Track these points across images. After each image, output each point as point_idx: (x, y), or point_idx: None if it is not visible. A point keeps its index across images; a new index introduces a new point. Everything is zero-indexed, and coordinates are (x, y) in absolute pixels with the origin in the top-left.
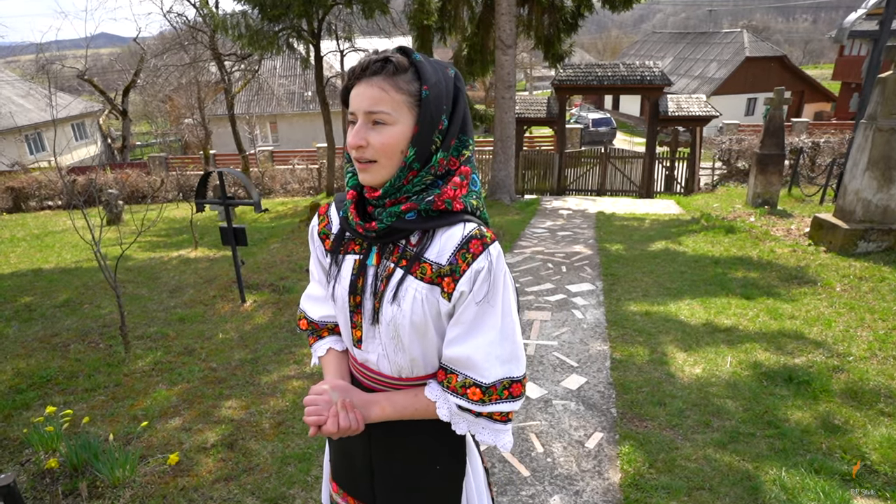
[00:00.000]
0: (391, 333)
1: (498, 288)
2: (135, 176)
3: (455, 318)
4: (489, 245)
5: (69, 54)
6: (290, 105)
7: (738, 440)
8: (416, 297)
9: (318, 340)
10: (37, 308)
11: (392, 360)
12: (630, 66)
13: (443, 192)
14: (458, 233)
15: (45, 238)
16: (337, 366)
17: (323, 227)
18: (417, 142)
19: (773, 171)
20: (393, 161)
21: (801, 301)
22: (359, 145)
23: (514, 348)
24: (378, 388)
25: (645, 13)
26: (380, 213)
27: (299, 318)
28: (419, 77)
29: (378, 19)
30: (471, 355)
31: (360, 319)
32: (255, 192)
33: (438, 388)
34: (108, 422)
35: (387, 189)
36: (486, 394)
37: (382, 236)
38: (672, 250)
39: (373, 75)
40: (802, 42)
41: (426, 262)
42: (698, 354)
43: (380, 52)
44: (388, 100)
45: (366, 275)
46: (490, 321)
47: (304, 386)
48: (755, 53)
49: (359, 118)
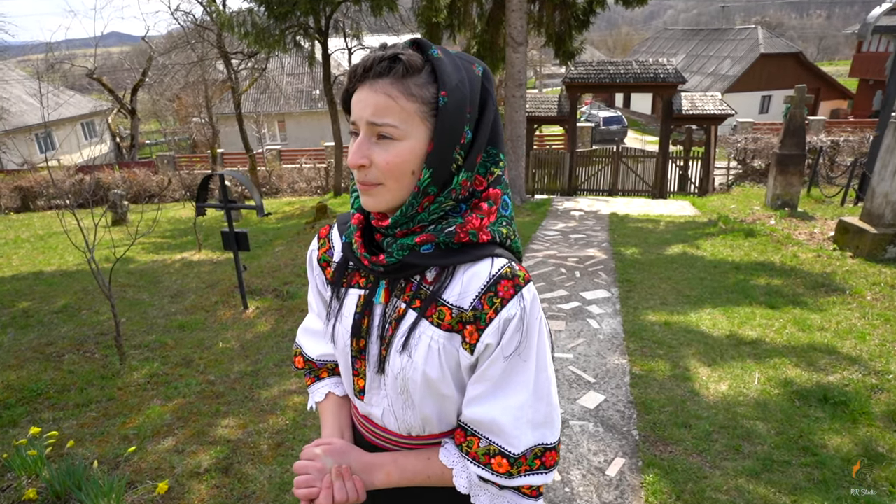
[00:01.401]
0: (399, 388)
1: (532, 339)
2: (142, 175)
3: (479, 374)
4: (522, 287)
5: (79, 53)
6: (298, 103)
7: (771, 469)
8: (432, 346)
9: (316, 382)
10: (34, 314)
11: (400, 417)
12: (643, 64)
13: (466, 222)
14: (484, 271)
15: (48, 239)
16: (336, 416)
17: (323, 253)
18: (433, 161)
19: (793, 172)
20: (402, 184)
21: (829, 311)
22: (360, 164)
23: (548, 411)
24: (384, 446)
25: (656, 10)
26: (389, 244)
27: (295, 355)
28: (436, 79)
29: (386, 16)
30: (497, 419)
31: (363, 367)
32: (258, 196)
33: (456, 453)
34: (97, 442)
35: (397, 217)
36: (515, 465)
37: (392, 271)
38: (690, 254)
39: (378, 77)
40: (817, 38)
41: (444, 305)
42: (723, 370)
43: (388, 46)
44: (396, 109)
45: (372, 314)
46: (521, 379)
47: (304, 402)
48: (770, 50)
49: (361, 129)
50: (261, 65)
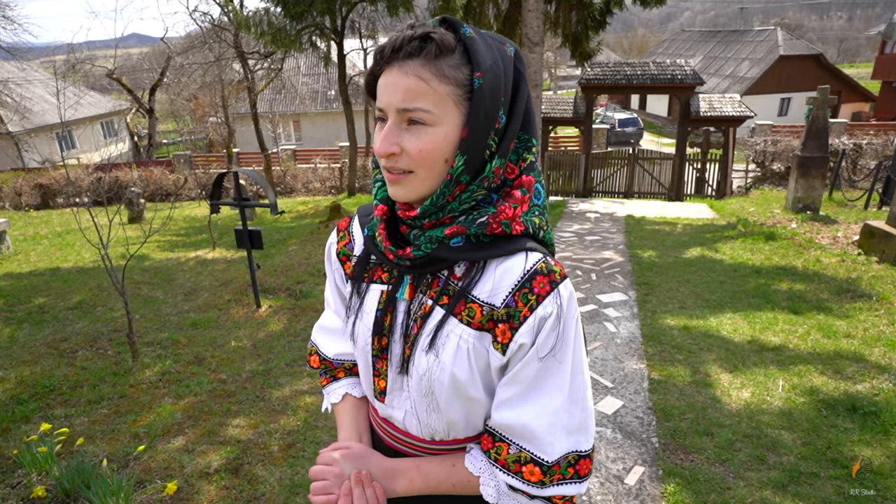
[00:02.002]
0: (424, 389)
1: (568, 339)
2: (158, 174)
3: (511, 376)
4: (559, 284)
5: (100, 54)
6: (314, 104)
7: (798, 481)
8: (461, 346)
9: (332, 382)
10: (49, 310)
11: (423, 421)
12: (660, 65)
13: (499, 212)
14: (518, 266)
15: (66, 236)
16: (353, 418)
17: (343, 247)
18: (468, 147)
19: (815, 175)
20: (434, 172)
21: (856, 317)
22: (390, 152)
23: (584, 416)
24: (405, 451)
25: (672, 11)
26: (416, 236)
27: (310, 353)
28: (469, 59)
29: (402, 17)
30: (529, 424)
31: (384, 367)
32: (272, 194)
33: (484, 460)
34: (108, 440)
35: (426, 207)
36: (548, 473)
37: (419, 266)
38: (708, 258)
39: (408, 58)
40: (837, 40)
41: (475, 302)
42: (745, 376)
43: (416, 24)
44: (429, 92)
45: (395, 311)
46: (556, 381)
47: (316, 402)
48: (789, 52)
49: (389, 116)
50: (277, 65)
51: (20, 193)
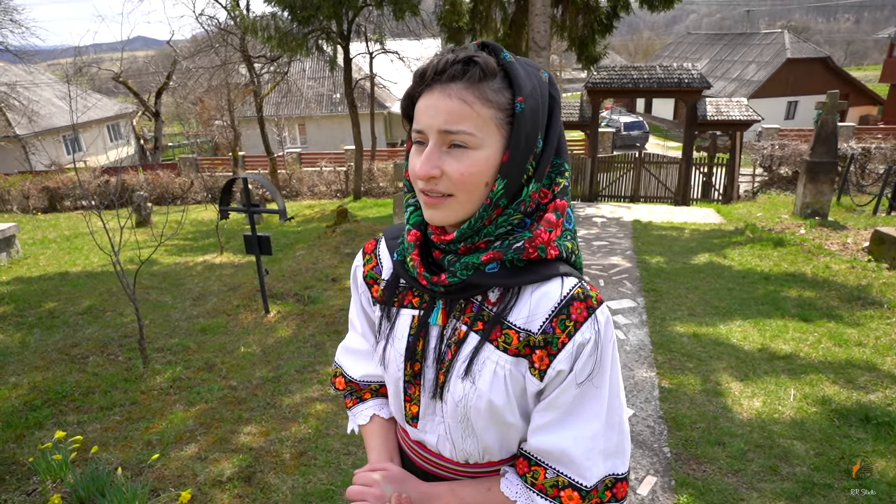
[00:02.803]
0: (460, 415)
1: (605, 364)
2: (165, 177)
3: (548, 401)
4: (595, 309)
5: (106, 57)
6: (319, 107)
7: (812, 492)
8: (497, 372)
9: (359, 404)
10: (60, 315)
11: (459, 446)
12: (667, 68)
13: (535, 236)
14: (554, 292)
15: (74, 240)
16: (384, 440)
17: (370, 270)
18: (508, 171)
19: (824, 180)
20: (473, 196)
21: (867, 325)
22: (430, 175)
23: (620, 439)
24: (438, 473)
25: (678, 14)
26: (452, 261)
27: (334, 375)
28: (510, 84)
29: (408, 21)
30: (568, 449)
31: (417, 392)
32: (281, 200)
33: (519, 484)
34: (121, 447)
35: (463, 231)
36: (586, 498)
37: (454, 292)
38: (717, 264)
39: (451, 81)
40: (844, 43)
41: (511, 328)
42: (756, 385)
43: (455, 48)
44: (473, 116)
45: (427, 336)
46: (594, 406)
47: (326, 410)
48: (797, 55)
49: (429, 138)
50: (283, 68)
51: (28, 196)
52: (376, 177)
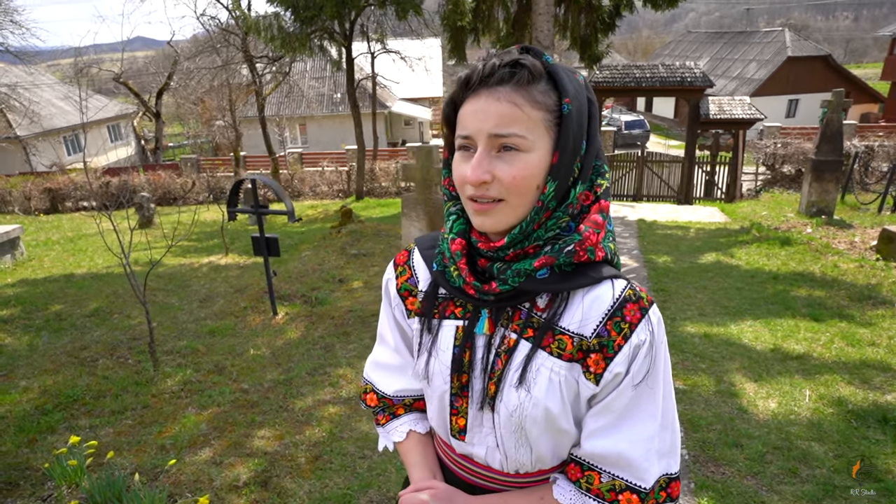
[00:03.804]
0: (514, 426)
1: (659, 365)
2: (166, 177)
3: (603, 405)
4: (648, 310)
5: (106, 58)
6: (320, 107)
7: (833, 495)
8: (553, 379)
9: (393, 420)
10: (67, 317)
11: (511, 457)
12: (669, 67)
13: (584, 239)
14: (606, 295)
15: (78, 241)
16: (423, 457)
17: (404, 282)
18: (557, 173)
19: (829, 179)
20: (524, 200)
21: (879, 325)
22: (482, 180)
23: (673, 438)
24: (486, 486)
25: (677, 12)
26: (502, 269)
27: (365, 392)
28: (556, 86)
29: (410, 20)
30: (624, 452)
31: (464, 404)
32: (289, 201)
33: (572, 490)
34: (135, 451)
35: (514, 237)
36: (645, 500)
37: (505, 299)
38: (724, 263)
39: (498, 84)
40: (843, 41)
41: (564, 334)
42: (771, 386)
43: (498, 53)
44: (523, 118)
45: (473, 347)
46: (649, 408)
47: (340, 413)
48: (797, 53)
49: (478, 143)
50: (284, 68)
51: (29, 198)
52: (378, 176)
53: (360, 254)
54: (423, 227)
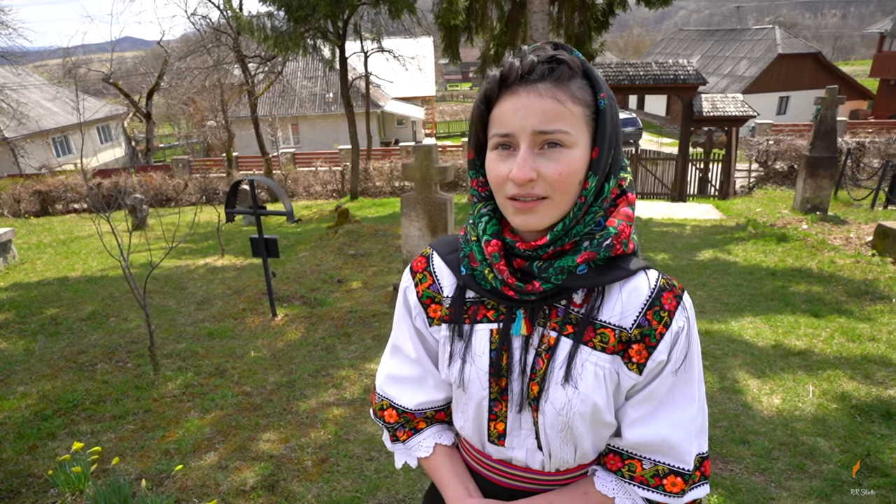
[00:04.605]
0: (560, 424)
1: (693, 349)
2: (158, 179)
3: (646, 393)
4: (682, 296)
5: (94, 58)
6: (313, 106)
7: (842, 490)
8: (598, 374)
9: (415, 435)
10: (63, 321)
11: (556, 456)
12: (662, 65)
13: (620, 232)
14: (643, 286)
15: (70, 244)
16: (454, 471)
17: (426, 289)
18: (597, 167)
19: (823, 175)
20: (568, 196)
21: (878, 320)
22: (529, 178)
23: (703, 418)
24: (525, 489)
25: (668, 10)
26: (543, 267)
27: (381, 409)
28: (591, 82)
29: (403, 19)
30: (668, 437)
31: (504, 409)
32: (288, 202)
33: (614, 480)
34: (138, 457)
35: (557, 234)
36: (688, 481)
37: (547, 297)
38: (722, 260)
39: (539, 81)
40: (832, 38)
41: (606, 327)
42: (774, 382)
43: (533, 49)
44: (567, 114)
45: (510, 349)
46: (687, 392)
47: (344, 414)
48: (788, 50)
49: (521, 141)
50: (277, 68)
51: (19, 200)
52: (372, 176)
53: (358, 254)
54: (422, 226)
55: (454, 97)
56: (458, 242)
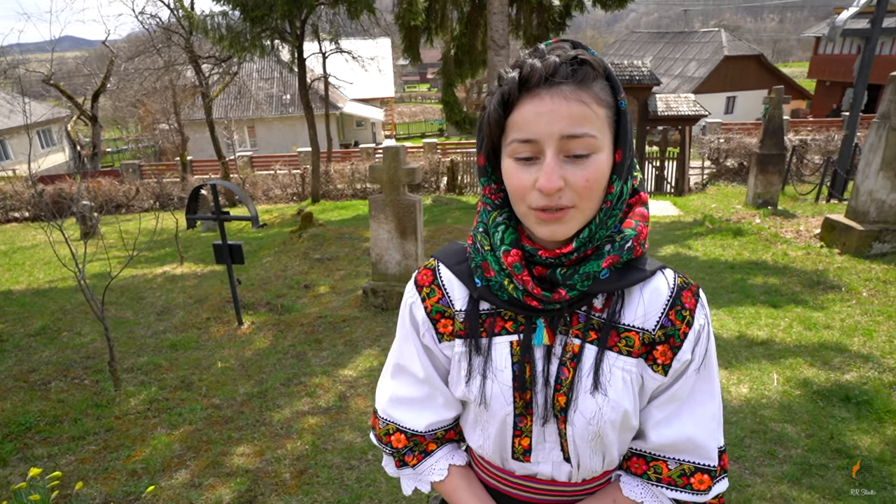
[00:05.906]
0: (591, 434)
1: (711, 345)
2: (107, 185)
3: (670, 394)
4: (698, 293)
5: (32, 58)
6: (270, 108)
7: (811, 473)
8: (626, 378)
9: (426, 459)
10: (9, 338)
11: (585, 465)
12: (618, 66)
13: (639, 234)
14: (663, 286)
15: (13, 255)
16: (472, 493)
17: (435, 303)
18: (621, 170)
19: (773, 171)
20: (594, 203)
21: (831, 309)
22: (559, 188)
23: (720, 412)
24: (551, 502)
25: (619, 13)
26: (567, 275)
27: (387, 433)
28: (611, 83)
29: (361, 20)
30: (693, 436)
31: (528, 423)
32: (253, 206)
33: (640, 483)
34: (103, 480)
35: (583, 240)
36: (714, 477)
37: (573, 304)
38: (683, 255)
39: (562, 83)
40: (772, 41)
41: (630, 331)
42: (741, 372)
43: (548, 48)
44: (593, 117)
45: (532, 360)
46: (707, 388)
47: (321, 423)
48: (733, 52)
49: (546, 147)
50: (232, 69)
51: None
52: (334, 179)
53: (324, 258)
54: (391, 228)
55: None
56: (464, 252)
